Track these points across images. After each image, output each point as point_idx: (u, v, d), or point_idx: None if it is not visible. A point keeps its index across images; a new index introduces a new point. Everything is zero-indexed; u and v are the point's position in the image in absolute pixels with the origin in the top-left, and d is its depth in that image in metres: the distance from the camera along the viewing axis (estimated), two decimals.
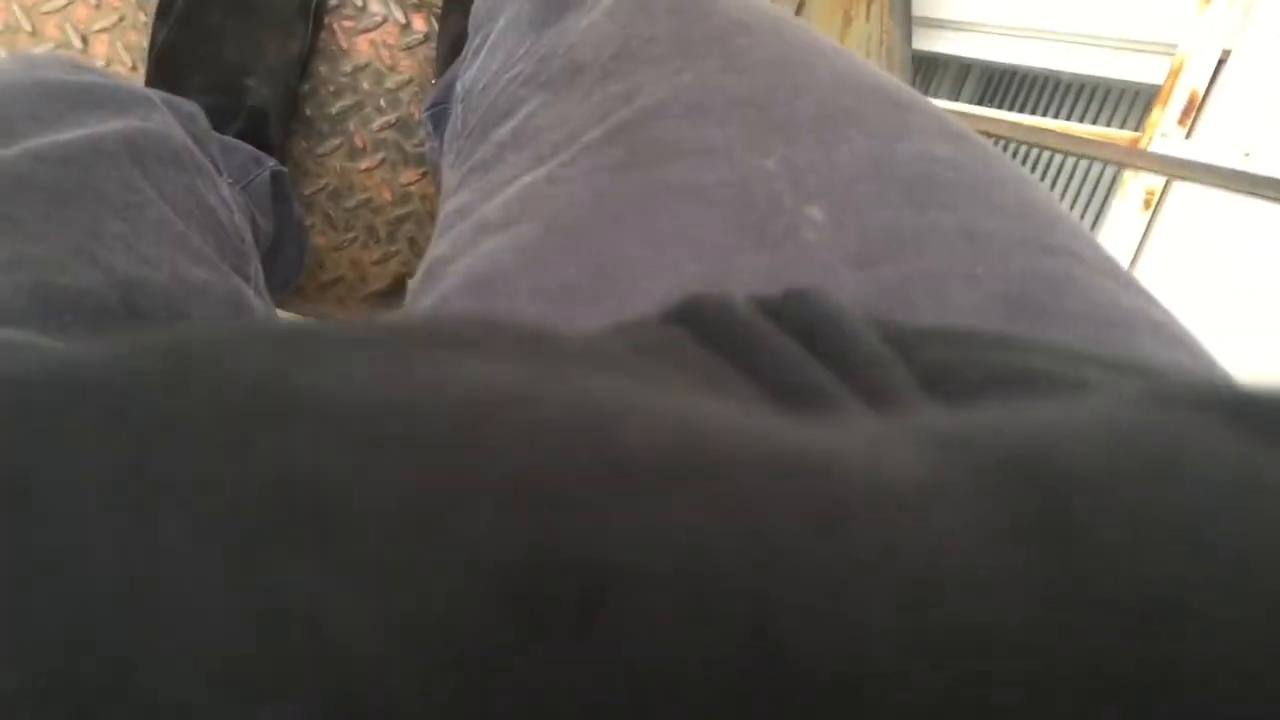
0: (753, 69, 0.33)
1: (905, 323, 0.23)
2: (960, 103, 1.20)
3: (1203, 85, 0.96)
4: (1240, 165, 0.92)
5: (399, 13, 0.72)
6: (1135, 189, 0.99)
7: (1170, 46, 0.97)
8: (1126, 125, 1.06)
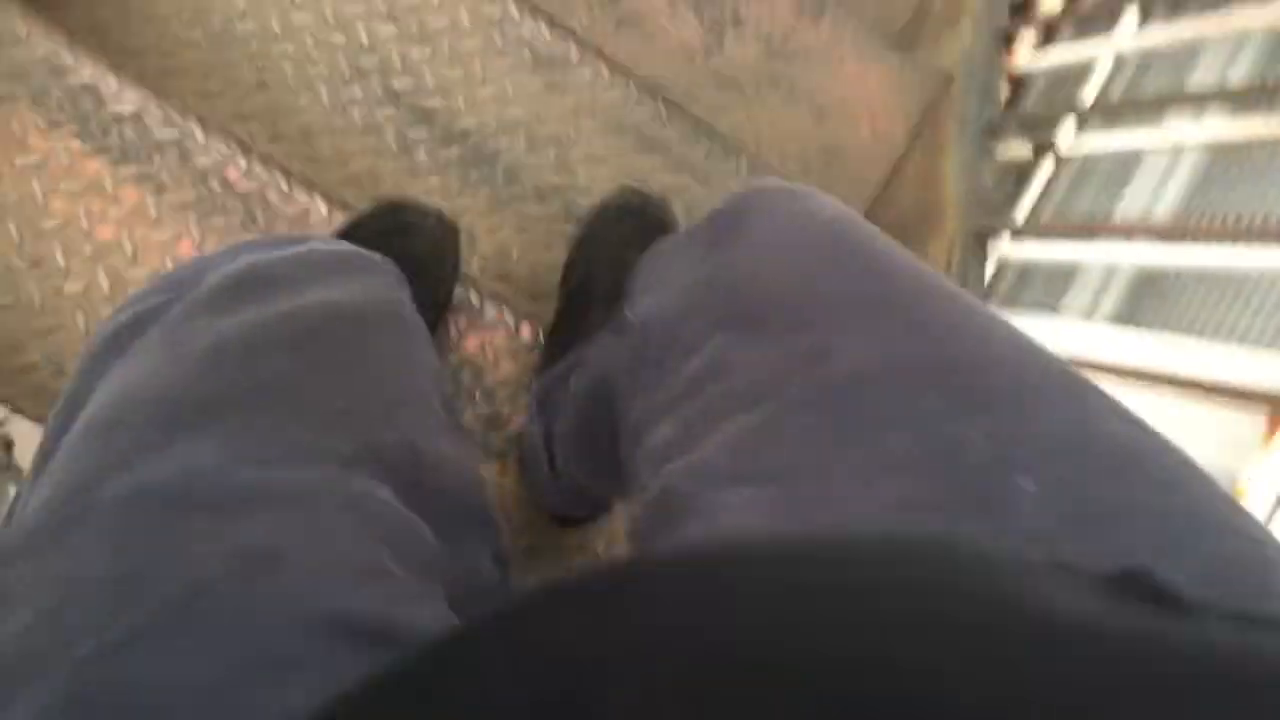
0: (942, 335, 0.36)
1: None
2: None
3: None
4: None
5: (511, 319, 0.77)
6: None
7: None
8: None
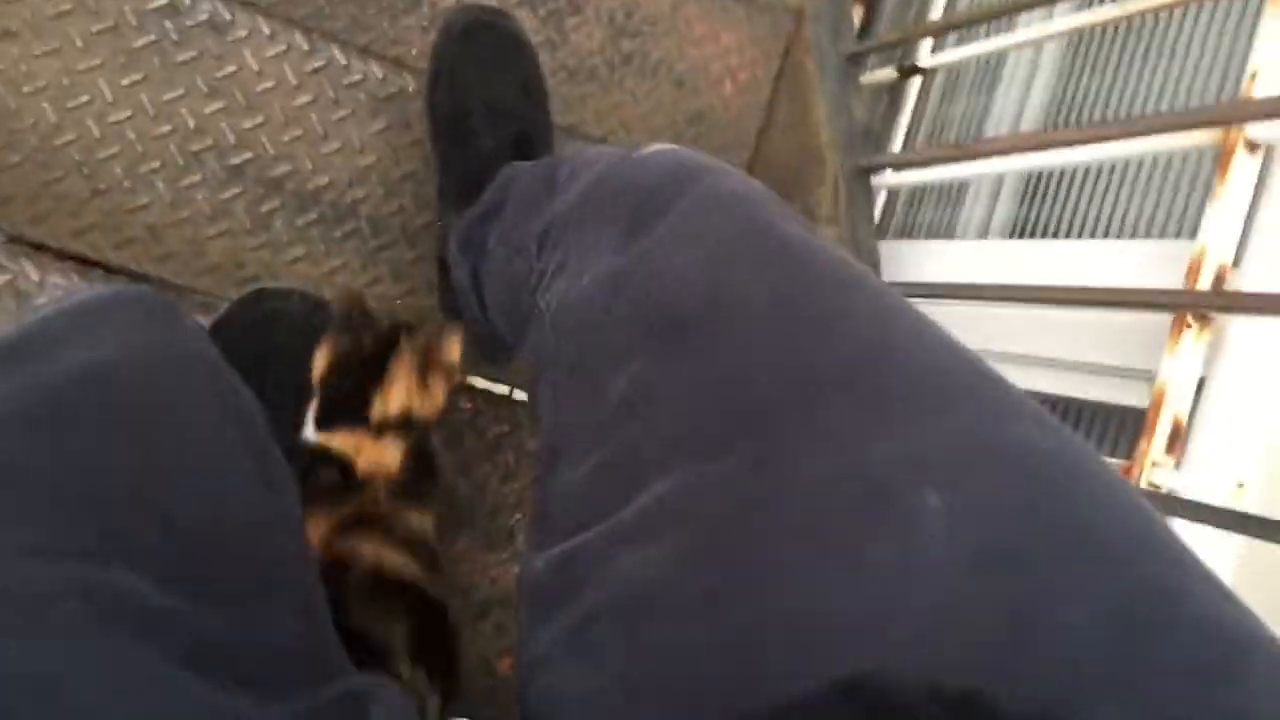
0: (848, 333, 0.35)
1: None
2: None
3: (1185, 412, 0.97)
4: (1233, 495, 0.93)
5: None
6: None
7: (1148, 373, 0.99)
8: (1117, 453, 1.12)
